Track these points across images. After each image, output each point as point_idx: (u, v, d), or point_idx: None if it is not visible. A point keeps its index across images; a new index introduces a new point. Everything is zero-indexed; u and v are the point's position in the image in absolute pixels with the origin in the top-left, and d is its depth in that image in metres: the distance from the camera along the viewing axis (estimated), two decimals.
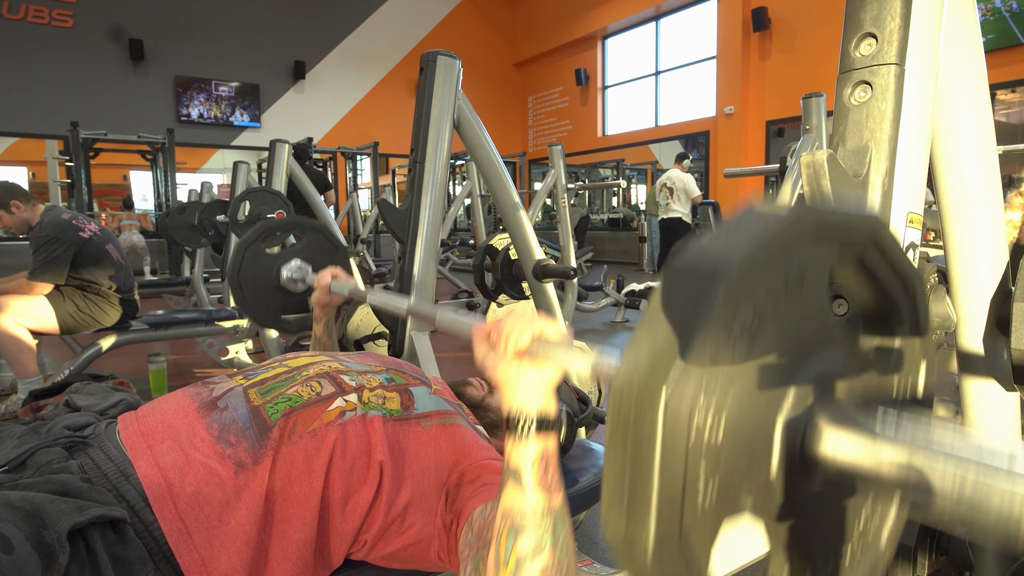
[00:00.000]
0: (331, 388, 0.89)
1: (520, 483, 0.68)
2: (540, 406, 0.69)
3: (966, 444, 0.31)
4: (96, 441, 0.80)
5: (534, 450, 0.68)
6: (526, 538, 0.66)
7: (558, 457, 0.70)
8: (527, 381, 0.68)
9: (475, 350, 0.73)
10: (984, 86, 0.86)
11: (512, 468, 0.68)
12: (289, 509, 0.78)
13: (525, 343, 0.67)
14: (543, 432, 0.68)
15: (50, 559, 0.62)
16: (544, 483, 0.68)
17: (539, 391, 0.69)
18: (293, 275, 1.56)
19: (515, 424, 0.68)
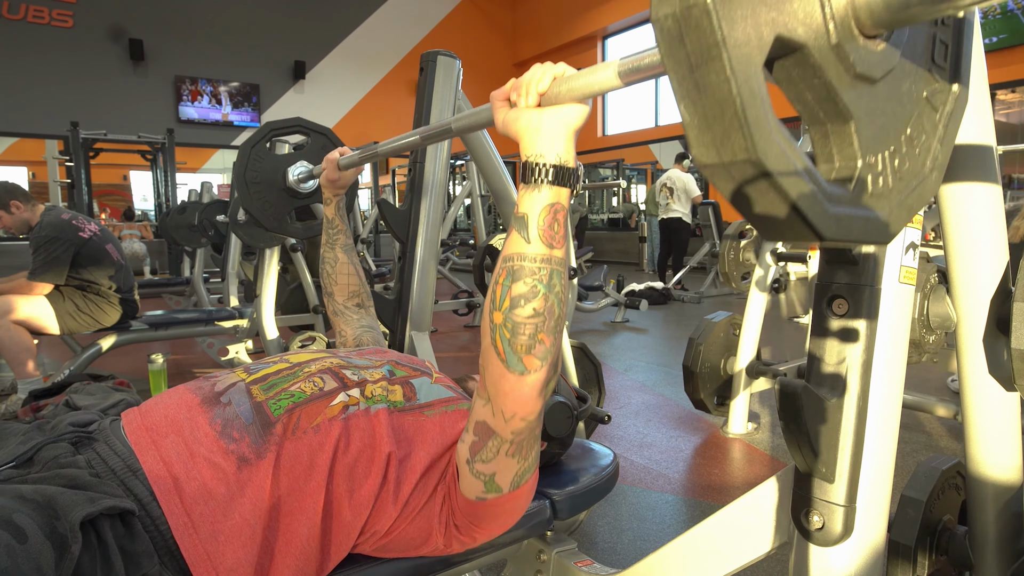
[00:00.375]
0: (334, 383, 0.89)
1: (525, 231, 0.68)
2: (559, 153, 0.67)
3: None
4: (102, 436, 0.80)
5: (545, 198, 0.67)
6: (522, 282, 0.67)
7: (567, 213, 0.70)
8: (549, 126, 0.67)
9: (495, 115, 0.72)
10: (984, 86, 0.85)
11: (520, 215, 0.68)
12: (294, 503, 0.79)
13: (546, 85, 0.66)
14: (559, 183, 0.67)
15: (63, 549, 0.62)
16: (548, 235, 0.68)
17: (562, 137, 0.67)
18: (300, 176, 1.56)
19: (531, 170, 0.67)
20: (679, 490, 2.10)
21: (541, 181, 0.67)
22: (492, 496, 0.82)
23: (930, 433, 2.55)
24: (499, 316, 0.69)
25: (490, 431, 0.76)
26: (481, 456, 0.79)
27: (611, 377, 3.49)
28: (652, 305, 5.95)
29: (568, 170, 0.68)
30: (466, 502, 0.83)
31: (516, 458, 0.79)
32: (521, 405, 0.72)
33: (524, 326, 0.68)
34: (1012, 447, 0.91)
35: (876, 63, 0.39)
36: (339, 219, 1.34)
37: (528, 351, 0.69)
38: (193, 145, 10.95)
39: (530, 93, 0.67)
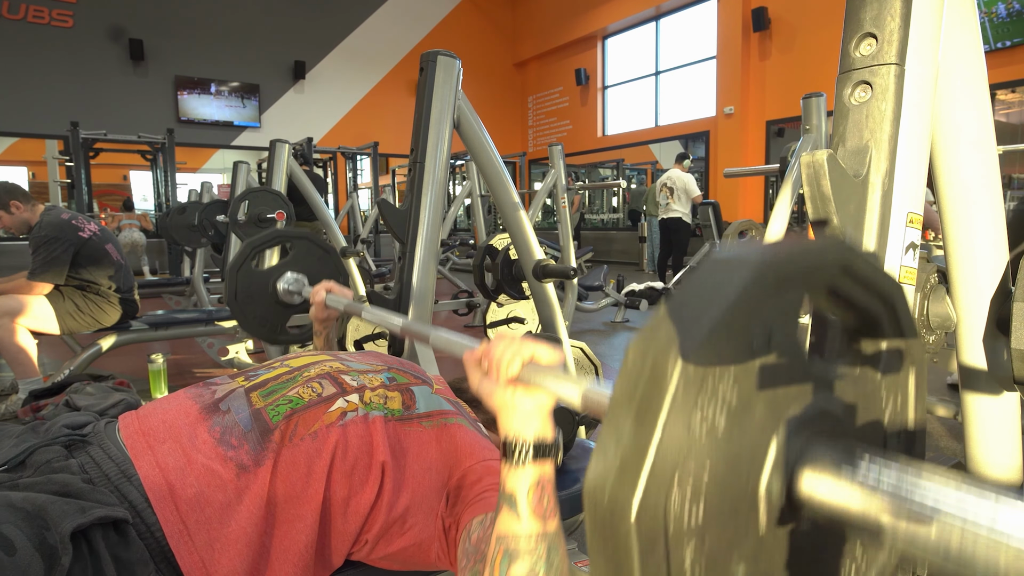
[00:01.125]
0: (332, 389, 0.89)
1: (515, 510, 0.68)
2: (536, 432, 0.68)
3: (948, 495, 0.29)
4: (96, 440, 0.79)
5: (530, 477, 0.68)
6: (520, 564, 0.66)
7: (554, 483, 0.70)
8: (522, 408, 0.68)
9: (469, 377, 0.73)
10: (984, 86, 0.85)
11: (507, 494, 0.68)
12: (291, 511, 0.78)
13: (516, 370, 0.67)
14: (539, 458, 0.68)
15: (53, 560, 0.61)
16: (539, 510, 0.68)
17: (535, 417, 0.68)
18: (289, 287, 1.57)
19: (512, 450, 0.68)
20: None
21: (523, 461, 0.68)
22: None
23: (930, 433, 2.55)
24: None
25: None
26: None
27: (611, 377, 3.49)
28: (652, 305, 5.95)
29: (547, 445, 0.69)
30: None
31: None
32: None
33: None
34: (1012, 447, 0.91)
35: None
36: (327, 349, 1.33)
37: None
38: (193, 145, 10.95)
39: (500, 375, 0.67)
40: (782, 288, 0.34)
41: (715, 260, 0.34)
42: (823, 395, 0.37)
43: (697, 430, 0.31)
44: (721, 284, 0.32)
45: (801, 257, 0.35)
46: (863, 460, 0.33)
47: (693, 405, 0.31)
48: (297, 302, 1.58)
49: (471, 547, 0.78)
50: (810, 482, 0.34)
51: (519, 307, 3.92)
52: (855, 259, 0.38)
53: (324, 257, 1.66)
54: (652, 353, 0.31)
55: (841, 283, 0.38)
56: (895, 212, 0.74)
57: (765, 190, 8.93)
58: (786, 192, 2.65)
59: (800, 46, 8.79)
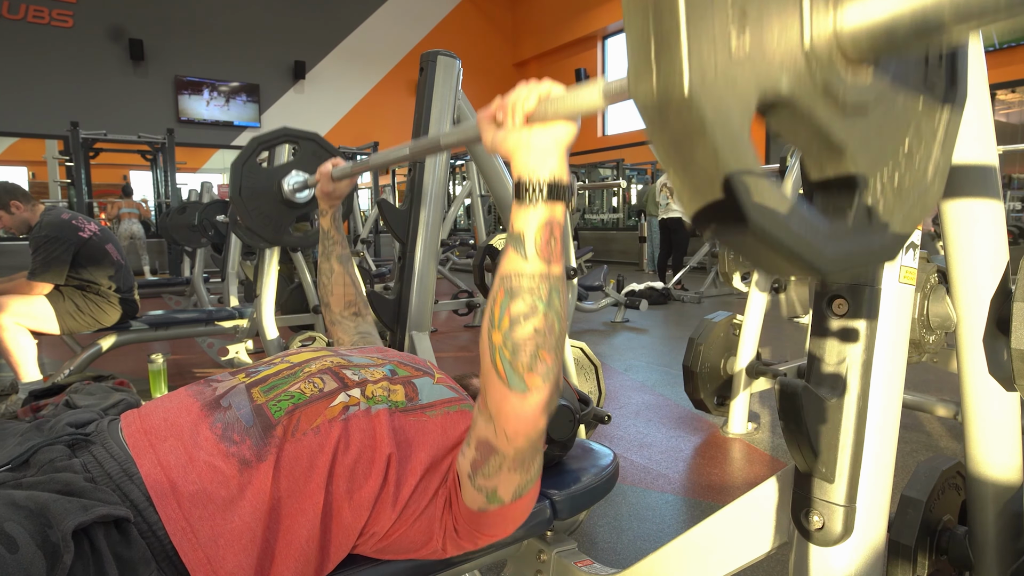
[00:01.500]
0: (334, 384, 0.89)
1: (521, 249, 0.67)
2: (552, 171, 0.67)
3: None
4: (99, 439, 0.79)
5: (540, 216, 0.67)
6: (520, 302, 0.67)
7: (564, 228, 0.69)
8: (539, 144, 0.66)
9: (483, 136, 0.71)
10: (984, 86, 0.85)
11: (515, 233, 0.68)
12: (294, 505, 0.78)
13: (532, 105, 0.65)
14: (553, 199, 0.67)
15: (55, 558, 0.62)
16: (545, 251, 0.67)
17: (552, 154, 0.67)
18: (295, 185, 1.56)
19: (524, 188, 0.67)
20: (679, 490, 2.10)
21: (536, 199, 0.66)
22: (494, 507, 0.81)
23: (930, 433, 2.55)
24: (498, 336, 0.68)
25: (492, 449, 0.76)
26: (483, 472, 0.78)
27: (611, 377, 3.49)
28: (652, 305, 5.95)
29: (562, 186, 0.68)
30: (468, 511, 0.83)
31: (518, 472, 0.79)
32: (524, 424, 0.72)
33: (525, 345, 0.68)
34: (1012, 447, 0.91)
35: (866, 92, 0.38)
36: (335, 231, 1.34)
37: (530, 370, 0.68)
38: (193, 145, 10.95)
39: (516, 113, 0.66)
40: None
41: None
42: None
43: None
44: None
45: None
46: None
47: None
48: (302, 200, 1.57)
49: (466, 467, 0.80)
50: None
51: None
52: None
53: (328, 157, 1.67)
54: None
55: None
56: None
57: None
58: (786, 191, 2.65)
59: None
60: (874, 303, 0.72)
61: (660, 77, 0.31)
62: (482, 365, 0.72)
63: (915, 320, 1.37)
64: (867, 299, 0.72)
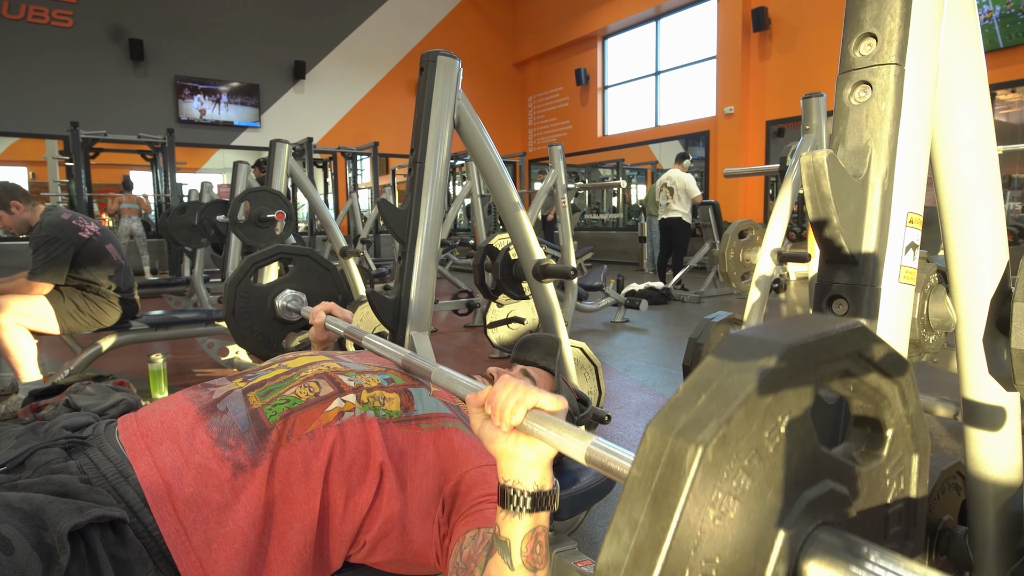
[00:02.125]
0: (329, 389, 0.89)
1: (508, 557, 0.68)
2: (536, 482, 0.68)
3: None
4: (95, 442, 0.79)
5: (525, 526, 0.68)
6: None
7: (548, 532, 0.70)
8: (523, 457, 0.67)
9: (471, 419, 0.73)
10: (984, 86, 0.85)
11: (501, 539, 0.69)
12: (288, 511, 0.78)
13: (519, 419, 0.66)
14: (536, 509, 0.68)
15: (51, 560, 0.62)
16: (531, 560, 0.68)
17: (536, 467, 0.68)
18: (288, 305, 1.57)
19: (509, 498, 0.68)
20: None
21: (520, 509, 0.68)
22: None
23: (930, 433, 2.55)
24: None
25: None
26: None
27: (611, 377, 3.49)
28: (652, 305, 5.95)
29: (546, 495, 0.69)
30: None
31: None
32: None
33: None
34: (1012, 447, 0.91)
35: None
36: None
37: None
38: (193, 145, 10.95)
39: (504, 420, 0.67)
40: (800, 376, 0.34)
41: (735, 341, 0.35)
42: (830, 480, 0.37)
43: (711, 518, 0.31)
44: (741, 371, 0.32)
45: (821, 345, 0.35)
46: (870, 558, 0.32)
47: (710, 491, 0.31)
48: (295, 319, 1.58)
49: (461, 563, 0.78)
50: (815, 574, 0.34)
51: (519, 307, 3.91)
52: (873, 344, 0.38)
53: (324, 275, 1.66)
54: (672, 438, 0.31)
55: (855, 366, 0.38)
56: (895, 212, 0.74)
57: (765, 190, 8.93)
58: (786, 192, 2.65)
59: (800, 46, 8.79)
60: (874, 303, 0.72)
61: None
62: None
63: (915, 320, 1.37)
64: (867, 299, 0.72)
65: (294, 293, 1.59)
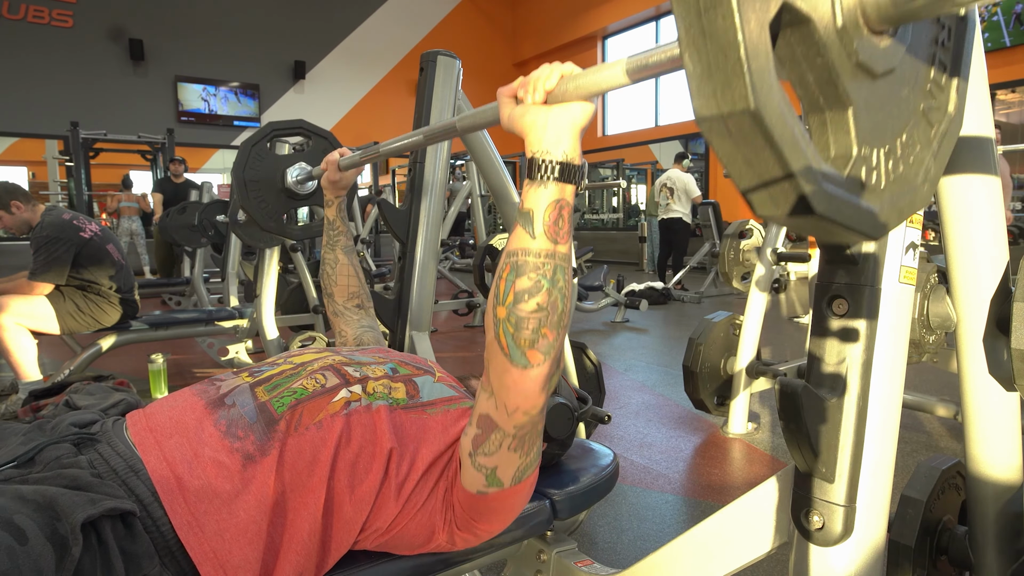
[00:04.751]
0: (336, 379, 0.90)
1: (530, 227, 0.68)
2: (566, 150, 0.67)
3: None
4: (104, 437, 0.80)
5: (550, 195, 0.67)
6: (525, 278, 0.68)
7: (572, 208, 0.70)
8: (556, 122, 0.67)
9: (501, 111, 0.72)
10: (984, 86, 0.85)
11: (525, 211, 0.68)
12: (297, 499, 0.79)
13: (554, 83, 0.66)
14: (564, 179, 0.67)
15: (64, 550, 0.62)
16: (553, 231, 0.68)
17: (568, 134, 0.67)
18: (299, 176, 1.58)
19: (537, 166, 0.67)
20: (679, 490, 2.10)
21: (547, 177, 0.67)
22: (493, 490, 0.82)
23: (930, 433, 2.55)
24: (503, 311, 0.69)
25: (493, 425, 0.77)
26: (484, 449, 0.79)
27: (611, 377, 3.49)
28: (652, 305, 5.95)
29: (574, 167, 0.68)
30: (467, 496, 0.83)
31: (518, 452, 0.79)
32: (524, 399, 0.73)
33: (527, 321, 0.69)
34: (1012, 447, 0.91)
35: (878, 57, 0.39)
36: (340, 221, 1.34)
37: (531, 345, 0.69)
38: (193, 145, 10.95)
39: (537, 90, 0.67)
40: None
41: None
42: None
43: None
44: None
45: None
46: None
47: None
48: (303, 193, 1.58)
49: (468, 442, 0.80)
50: None
51: None
52: None
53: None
54: None
55: None
56: None
57: None
58: None
59: None
60: (874, 303, 0.72)
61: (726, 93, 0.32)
62: (486, 339, 0.73)
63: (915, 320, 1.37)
64: (867, 299, 0.72)
65: (306, 167, 1.59)
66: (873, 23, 0.37)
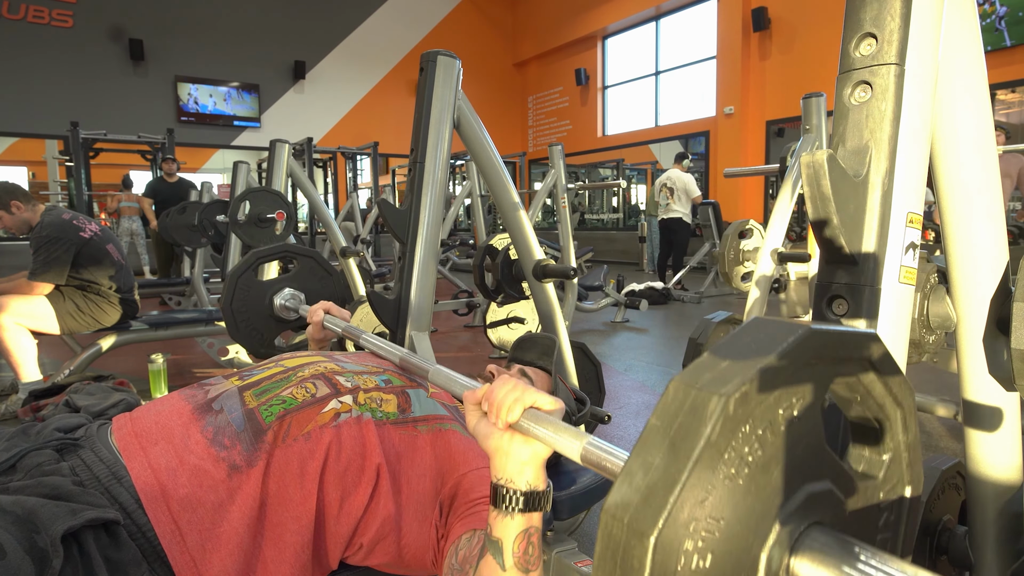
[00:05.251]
0: (326, 389, 0.89)
1: (500, 558, 0.68)
2: (529, 481, 0.68)
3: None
4: (87, 443, 0.79)
5: (518, 526, 0.68)
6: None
7: (541, 532, 0.70)
8: (517, 455, 0.67)
9: (467, 417, 0.73)
10: (984, 86, 0.85)
11: (493, 539, 0.69)
12: (283, 512, 0.78)
13: (516, 416, 0.66)
14: (529, 509, 0.68)
15: (44, 563, 0.61)
16: (523, 561, 0.68)
17: (529, 466, 0.68)
18: (286, 303, 1.57)
19: (502, 497, 0.68)
20: None
21: (513, 509, 0.68)
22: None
23: (930, 433, 2.55)
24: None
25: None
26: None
27: (611, 377, 3.49)
28: (652, 305, 5.95)
29: (538, 495, 0.69)
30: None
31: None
32: None
33: None
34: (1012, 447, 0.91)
35: None
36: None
37: None
38: (193, 145, 10.94)
39: (500, 417, 0.67)
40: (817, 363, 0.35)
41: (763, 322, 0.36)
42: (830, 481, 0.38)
43: (722, 476, 0.32)
44: (765, 345, 0.33)
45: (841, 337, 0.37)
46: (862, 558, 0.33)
47: (725, 447, 0.31)
48: (291, 318, 1.58)
49: (456, 564, 0.78)
50: (807, 570, 0.34)
51: (519, 307, 3.91)
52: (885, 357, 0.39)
53: (326, 278, 1.66)
54: (695, 390, 0.32)
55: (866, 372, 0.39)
56: (895, 212, 0.74)
57: (765, 190, 8.93)
58: (786, 192, 2.65)
59: (800, 46, 8.79)
60: (874, 303, 0.72)
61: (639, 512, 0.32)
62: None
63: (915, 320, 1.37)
64: (867, 299, 0.72)
65: (293, 292, 1.59)
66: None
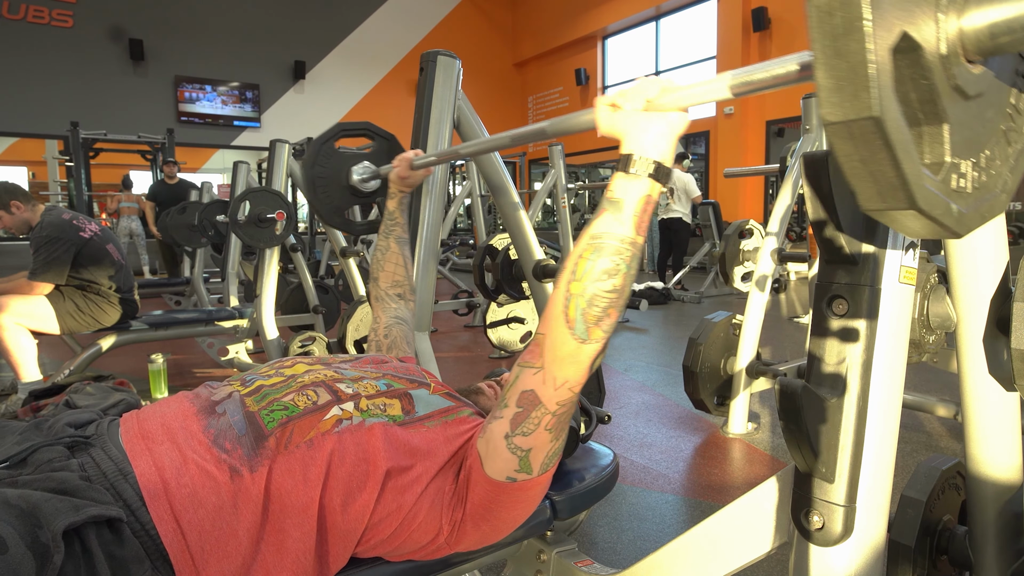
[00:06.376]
0: (327, 397, 0.89)
1: (619, 212, 0.72)
2: (662, 152, 0.72)
3: None
4: (98, 441, 0.80)
5: (642, 188, 0.72)
6: (607, 259, 0.72)
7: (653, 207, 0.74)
8: (655, 127, 0.72)
9: (598, 117, 0.76)
10: None
11: (614, 198, 0.73)
12: (285, 519, 0.78)
13: (655, 93, 0.70)
14: (657, 177, 0.72)
15: (45, 559, 0.61)
16: (640, 222, 0.73)
17: (665, 139, 0.72)
18: (363, 175, 1.63)
19: (633, 162, 0.71)
20: (679, 490, 2.10)
21: (642, 173, 0.72)
22: (522, 477, 0.82)
23: (930, 433, 2.55)
24: (578, 286, 0.73)
25: (536, 401, 0.78)
26: (523, 428, 0.80)
27: (611, 377, 3.49)
28: (652, 305, 5.95)
29: (666, 169, 0.73)
30: (491, 486, 0.83)
31: (552, 434, 0.80)
32: (575, 372, 0.76)
33: (601, 299, 0.72)
34: (1012, 447, 0.91)
35: (971, 82, 0.46)
36: (399, 213, 1.42)
37: (596, 322, 0.73)
38: (193, 145, 10.95)
39: (638, 98, 0.72)
40: None
41: None
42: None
43: None
44: None
45: None
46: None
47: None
48: (365, 191, 1.64)
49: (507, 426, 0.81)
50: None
51: (519, 307, 3.92)
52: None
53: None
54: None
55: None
56: None
57: (765, 190, 8.93)
58: (786, 192, 2.65)
59: (800, 46, 8.76)
60: (874, 303, 0.72)
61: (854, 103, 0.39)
62: (548, 312, 0.76)
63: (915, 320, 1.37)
64: (867, 299, 0.72)
65: (370, 166, 1.65)
66: (969, 53, 0.44)
